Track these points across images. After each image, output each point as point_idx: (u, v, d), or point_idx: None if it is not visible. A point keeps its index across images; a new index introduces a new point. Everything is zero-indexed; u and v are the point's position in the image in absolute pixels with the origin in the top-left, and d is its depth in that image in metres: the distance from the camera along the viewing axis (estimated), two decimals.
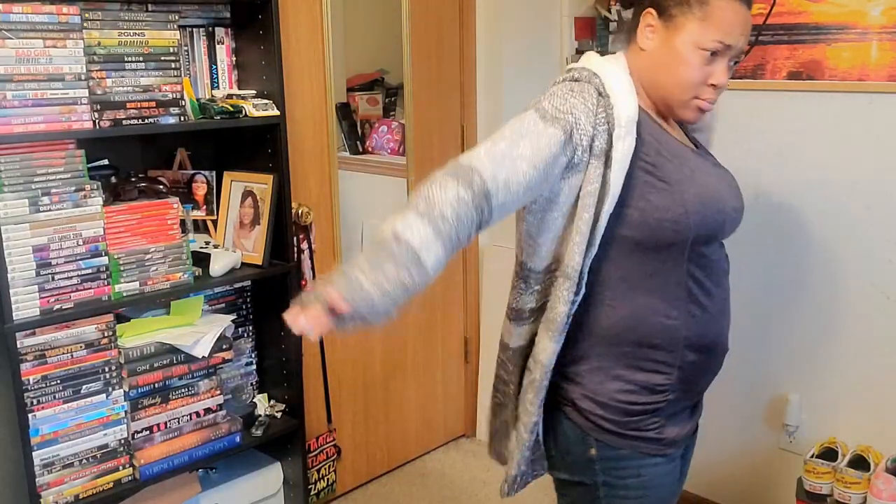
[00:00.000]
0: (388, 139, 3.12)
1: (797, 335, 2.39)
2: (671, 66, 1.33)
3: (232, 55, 2.28)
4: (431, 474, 3.08)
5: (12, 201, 1.83)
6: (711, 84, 1.33)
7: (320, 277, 1.13)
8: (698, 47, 1.31)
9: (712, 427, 2.60)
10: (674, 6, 1.33)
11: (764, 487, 2.53)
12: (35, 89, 1.83)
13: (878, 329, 2.24)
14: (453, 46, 3.05)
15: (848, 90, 2.18)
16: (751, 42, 2.33)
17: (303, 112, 2.57)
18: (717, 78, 1.32)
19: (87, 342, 1.98)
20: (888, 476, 2.09)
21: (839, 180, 2.25)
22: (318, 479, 2.73)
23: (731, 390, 2.54)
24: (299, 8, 2.51)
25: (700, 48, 1.30)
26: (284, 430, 2.39)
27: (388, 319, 1.18)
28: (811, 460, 2.23)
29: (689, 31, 1.31)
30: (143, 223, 2.04)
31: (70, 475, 1.98)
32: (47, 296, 1.88)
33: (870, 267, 2.23)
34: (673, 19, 1.33)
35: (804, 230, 2.33)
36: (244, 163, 2.33)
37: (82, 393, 1.98)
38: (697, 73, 1.32)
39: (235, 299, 2.39)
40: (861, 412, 2.31)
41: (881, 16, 2.10)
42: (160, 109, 2.02)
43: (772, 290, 2.41)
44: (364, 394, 2.93)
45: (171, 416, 2.13)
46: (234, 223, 2.32)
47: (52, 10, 1.83)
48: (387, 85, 3.24)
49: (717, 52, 1.31)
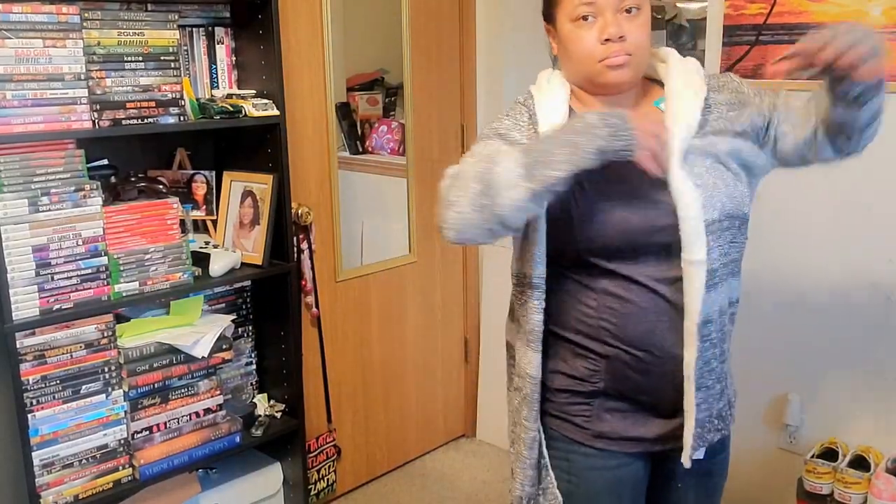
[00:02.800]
0: (388, 139, 3.12)
1: (797, 335, 2.39)
2: (569, 51, 1.41)
3: (232, 55, 2.28)
4: (431, 474, 3.08)
5: (12, 201, 1.82)
6: (606, 40, 1.36)
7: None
8: (571, 20, 1.38)
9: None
10: (547, 7, 1.45)
11: (764, 487, 2.52)
12: (35, 89, 1.83)
13: (878, 329, 2.24)
14: (453, 46, 3.05)
15: None
16: (751, 42, 2.34)
17: (303, 112, 2.57)
18: (604, 32, 1.35)
19: (86, 342, 1.97)
20: (888, 476, 2.09)
21: (839, 180, 2.25)
22: (318, 479, 2.73)
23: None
24: (299, 8, 2.51)
25: (573, 20, 1.38)
26: (284, 430, 2.39)
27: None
28: (811, 460, 2.22)
29: (561, 16, 1.41)
30: (143, 223, 2.04)
31: (70, 475, 1.98)
32: (47, 296, 1.88)
33: (870, 267, 2.23)
34: (553, 17, 1.44)
35: (804, 230, 2.33)
36: (244, 163, 2.33)
37: (82, 393, 1.98)
38: (586, 42, 1.37)
39: (235, 299, 2.39)
40: (861, 412, 2.31)
41: (881, 16, 2.10)
42: (160, 109, 2.02)
43: (771, 291, 2.41)
44: (364, 394, 2.93)
45: (170, 417, 2.13)
46: (234, 223, 2.32)
47: (52, 9, 1.83)
48: (387, 85, 3.24)
49: (587, 15, 1.36)
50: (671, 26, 2.88)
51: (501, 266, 3.06)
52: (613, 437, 1.45)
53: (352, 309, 2.84)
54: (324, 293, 2.72)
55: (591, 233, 1.37)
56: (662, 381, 1.42)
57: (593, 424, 1.45)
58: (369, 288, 2.89)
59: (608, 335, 1.40)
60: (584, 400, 1.45)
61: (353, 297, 2.84)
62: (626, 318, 1.39)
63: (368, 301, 2.89)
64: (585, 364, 1.44)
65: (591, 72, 1.39)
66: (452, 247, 3.15)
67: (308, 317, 2.66)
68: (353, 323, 2.85)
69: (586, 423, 1.46)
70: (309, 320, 2.67)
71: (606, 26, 1.35)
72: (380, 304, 2.92)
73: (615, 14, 1.35)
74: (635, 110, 1.41)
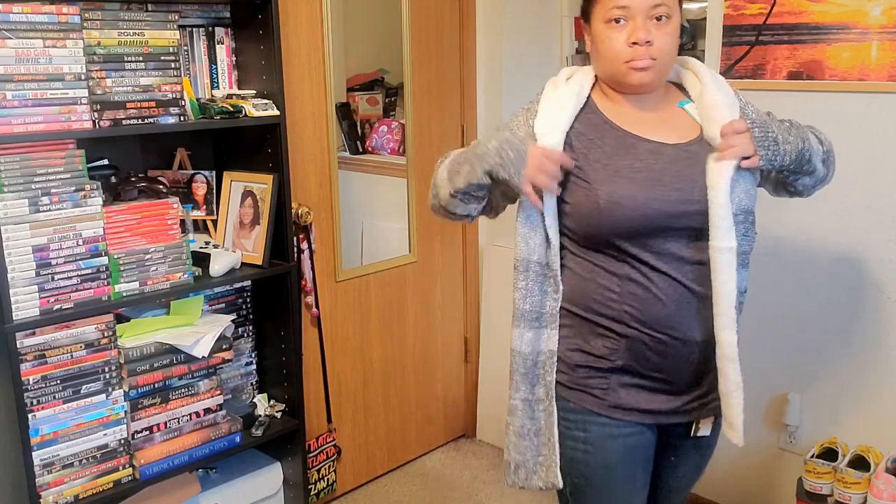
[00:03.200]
0: (388, 139, 3.12)
1: (797, 335, 2.39)
2: (600, 50, 1.51)
3: (232, 55, 2.28)
4: (431, 474, 3.08)
5: (12, 201, 1.83)
6: (633, 43, 1.45)
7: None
8: (604, 21, 1.48)
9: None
10: (586, 6, 1.54)
11: (764, 487, 2.53)
12: (35, 89, 1.83)
13: (878, 329, 2.24)
14: (453, 46, 3.05)
15: (848, 90, 2.18)
16: (751, 42, 2.34)
17: (303, 112, 2.57)
18: (633, 36, 1.45)
19: (86, 342, 1.98)
20: (888, 476, 2.09)
21: (839, 180, 2.24)
22: (318, 479, 2.73)
23: None
24: (299, 8, 2.51)
25: (606, 21, 1.48)
26: (284, 430, 2.39)
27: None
28: (811, 460, 2.23)
29: (596, 16, 1.50)
30: (143, 223, 2.04)
31: (70, 475, 1.98)
32: (47, 296, 1.88)
33: (870, 267, 2.23)
34: (590, 17, 1.53)
35: (804, 230, 2.33)
36: (244, 163, 2.33)
37: (82, 393, 1.98)
38: (615, 43, 1.47)
39: (235, 299, 2.40)
40: (861, 412, 2.31)
41: (881, 16, 2.10)
42: (160, 109, 2.02)
43: (772, 291, 2.41)
44: (364, 394, 2.93)
45: (171, 416, 2.13)
46: (234, 223, 2.32)
47: (52, 10, 1.83)
48: (387, 85, 3.24)
49: (620, 18, 1.46)
50: None
51: (501, 266, 3.06)
52: (628, 407, 1.54)
53: (352, 309, 2.84)
54: (324, 293, 2.72)
55: (616, 217, 1.46)
56: (679, 361, 1.51)
57: (610, 396, 1.54)
58: (369, 288, 2.89)
59: (630, 318, 1.49)
60: (602, 374, 1.54)
61: (353, 297, 2.84)
62: (648, 303, 1.48)
63: (368, 301, 2.89)
64: (605, 343, 1.53)
65: (616, 71, 1.50)
66: (452, 247, 3.16)
67: (308, 317, 2.66)
68: (353, 323, 2.86)
69: (604, 395, 1.54)
70: (309, 320, 2.67)
71: (636, 30, 1.45)
72: (380, 304, 2.92)
73: (645, 20, 1.45)
74: (658, 111, 1.55)
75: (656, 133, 1.52)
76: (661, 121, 1.54)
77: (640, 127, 1.52)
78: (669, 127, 1.53)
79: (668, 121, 1.54)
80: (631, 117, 1.53)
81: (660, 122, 1.54)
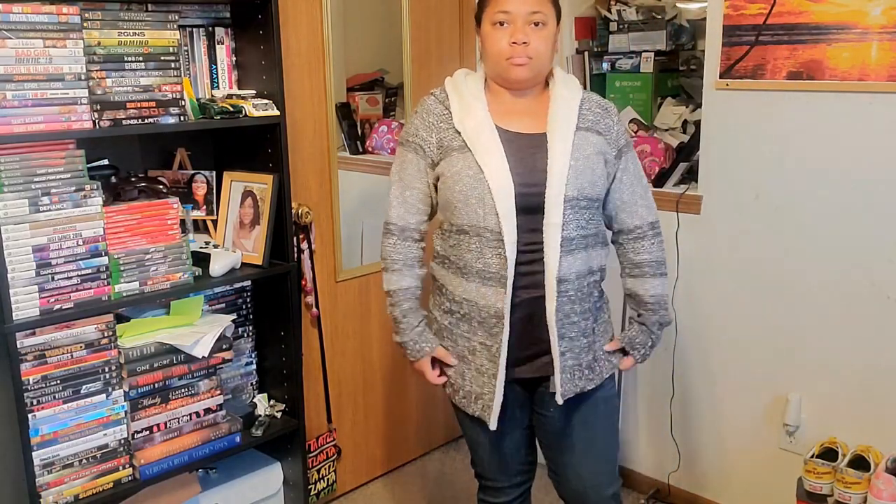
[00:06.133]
0: (388, 139, 3.12)
1: (797, 335, 2.39)
2: (486, 49, 1.77)
3: (232, 55, 2.28)
4: (431, 474, 3.08)
5: (12, 201, 1.83)
6: (513, 43, 1.70)
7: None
8: (491, 24, 1.74)
9: (713, 427, 2.61)
10: (478, 11, 1.78)
11: (764, 487, 2.53)
12: (35, 89, 1.83)
13: (878, 329, 2.24)
14: (453, 46, 3.05)
15: (848, 90, 2.18)
16: (750, 42, 2.34)
17: (303, 112, 2.57)
18: (513, 37, 1.70)
19: (86, 342, 1.98)
20: (888, 476, 2.09)
21: (839, 180, 2.25)
22: (318, 479, 2.73)
23: (731, 390, 2.54)
24: (299, 8, 2.51)
25: (492, 24, 1.73)
26: (284, 430, 2.39)
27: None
28: (811, 460, 2.23)
29: (485, 19, 1.76)
30: (143, 223, 2.04)
31: (70, 475, 1.98)
32: (47, 296, 1.89)
33: (870, 267, 2.23)
34: (481, 21, 1.78)
35: (804, 230, 2.33)
36: (244, 163, 2.33)
37: (82, 393, 1.98)
38: (499, 42, 1.73)
39: (235, 299, 2.40)
40: (861, 412, 2.31)
41: (881, 16, 2.10)
42: (160, 109, 2.02)
43: (772, 290, 2.41)
44: (364, 394, 2.93)
45: (171, 416, 2.13)
46: (234, 223, 2.32)
47: (52, 10, 1.83)
48: (387, 85, 3.24)
49: (503, 21, 1.71)
50: (671, 26, 2.87)
51: None
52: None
53: (352, 309, 2.84)
54: (324, 293, 2.72)
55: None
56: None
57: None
58: (369, 288, 2.89)
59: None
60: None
61: (353, 297, 2.84)
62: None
63: (368, 301, 2.89)
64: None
65: (500, 67, 1.76)
66: None
67: (308, 317, 2.66)
68: (353, 323, 2.86)
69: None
70: (309, 320, 2.67)
71: (516, 32, 1.71)
72: (380, 304, 2.92)
73: (524, 24, 1.71)
74: (535, 101, 1.81)
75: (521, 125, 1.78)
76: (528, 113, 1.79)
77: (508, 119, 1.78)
78: (533, 119, 1.78)
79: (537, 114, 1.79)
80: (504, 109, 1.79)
81: (527, 114, 1.79)
